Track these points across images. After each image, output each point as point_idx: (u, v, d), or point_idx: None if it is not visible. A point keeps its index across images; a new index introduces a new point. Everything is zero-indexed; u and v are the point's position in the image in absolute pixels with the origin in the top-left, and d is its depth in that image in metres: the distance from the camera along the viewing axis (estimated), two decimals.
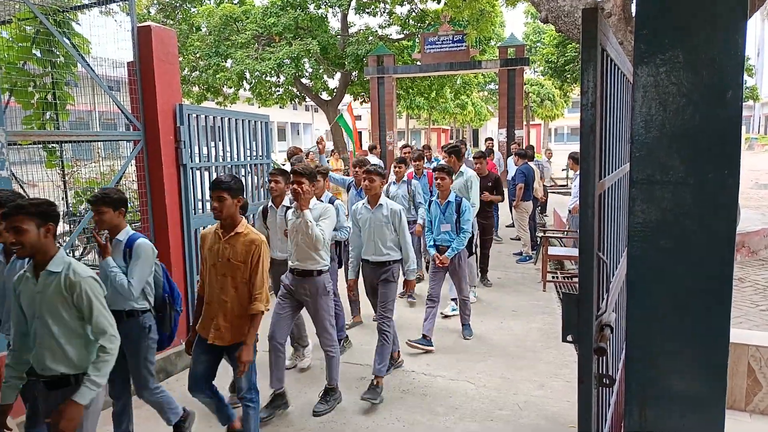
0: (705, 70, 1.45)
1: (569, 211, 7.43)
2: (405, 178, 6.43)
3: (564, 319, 1.70)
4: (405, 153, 7.97)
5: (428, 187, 6.67)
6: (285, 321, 3.84)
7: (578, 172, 7.11)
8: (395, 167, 6.44)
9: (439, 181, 5.12)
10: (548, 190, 12.24)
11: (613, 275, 2.24)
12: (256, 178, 6.05)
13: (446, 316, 5.73)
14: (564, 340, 1.72)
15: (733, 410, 3.50)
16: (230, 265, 3.05)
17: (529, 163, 8.66)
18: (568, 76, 23.66)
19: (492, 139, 12.05)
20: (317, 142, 6.21)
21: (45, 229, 2.31)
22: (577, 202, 7.07)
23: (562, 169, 18.79)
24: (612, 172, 2.10)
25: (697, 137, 1.49)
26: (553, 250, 7.06)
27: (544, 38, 27.78)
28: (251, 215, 5.28)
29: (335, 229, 4.36)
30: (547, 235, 7.19)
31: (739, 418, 3.47)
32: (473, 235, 5.54)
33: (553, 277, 6.96)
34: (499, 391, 4.06)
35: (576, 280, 7.05)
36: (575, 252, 6.95)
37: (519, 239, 8.72)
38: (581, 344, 1.67)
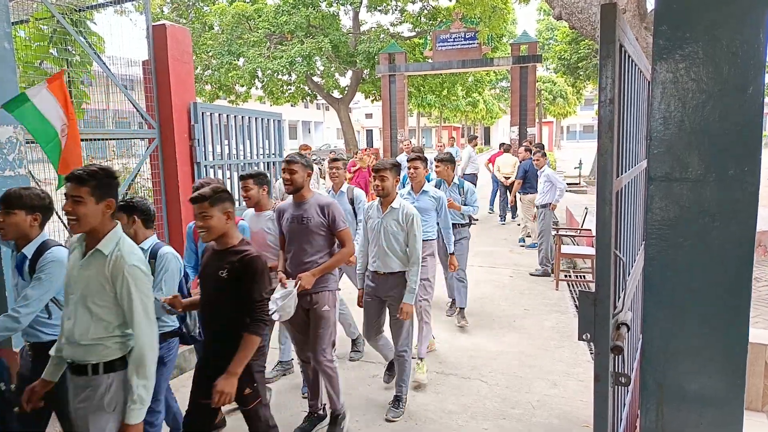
0: (725, 66, 1.43)
1: (538, 207, 7.58)
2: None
3: (580, 318, 1.69)
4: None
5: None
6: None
7: (543, 170, 7.43)
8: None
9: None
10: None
11: (629, 273, 2.22)
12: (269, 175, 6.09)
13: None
14: (580, 338, 1.70)
15: (749, 410, 3.46)
16: None
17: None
18: (581, 73, 23.45)
19: (453, 138, 11.52)
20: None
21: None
22: (549, 198, 7.13)
23: (575, 167, 18.65)
24: (629, 169, 2.08)
25: (716, 134, 1.47)
26: (566, 249, 7.01)
27: (557, 35, 27.60)
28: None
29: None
30: (559, 233, 7.14)
31: (756, 418, 3.43)
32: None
33: (565, 276, 6.91)
34: (512, 389, 4.04)
35: (589, 278, 7.01)
36: (588, 250, 6.91)
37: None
38: (598, 343, 1.66)
